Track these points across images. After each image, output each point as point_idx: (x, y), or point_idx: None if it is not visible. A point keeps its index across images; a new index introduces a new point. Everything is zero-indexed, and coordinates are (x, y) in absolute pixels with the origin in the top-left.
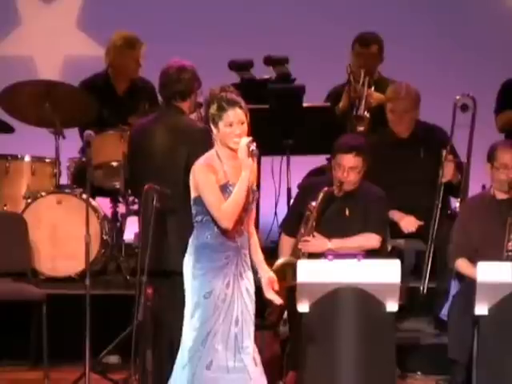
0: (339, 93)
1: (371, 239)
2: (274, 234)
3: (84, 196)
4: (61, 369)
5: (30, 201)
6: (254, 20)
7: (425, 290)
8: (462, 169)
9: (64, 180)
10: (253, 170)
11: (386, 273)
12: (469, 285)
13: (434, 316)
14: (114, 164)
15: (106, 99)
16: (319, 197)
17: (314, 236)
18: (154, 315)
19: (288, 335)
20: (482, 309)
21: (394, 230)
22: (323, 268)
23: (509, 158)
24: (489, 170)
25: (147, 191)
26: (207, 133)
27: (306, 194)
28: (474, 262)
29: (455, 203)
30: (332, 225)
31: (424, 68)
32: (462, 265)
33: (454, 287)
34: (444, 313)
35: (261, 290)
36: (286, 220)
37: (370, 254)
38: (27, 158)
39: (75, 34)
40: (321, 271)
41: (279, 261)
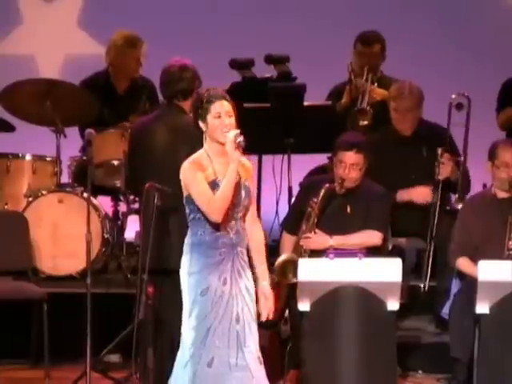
0: (340, 91)
1: (373, 236)
2: (275, 232)
3: (85, 195)
4: (61, 367)
5: (30, 199)
6: (255, 18)
7: (426, 288)
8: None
9: (65, 179)
10: (247, 167)
11: (387, 271)
12: (470, 283)
13: (435, 315)
14: (115, 162)
15: (107, 98)
16: (320, 193)
17: (316, 233)
18: (155, 314)
19: (289, 334)
20: (483, 307)
21: (395, 229)
22: (324, 267)
23: (509, 156)
24: (490, 169)
25: (148, 190)
26: None
27: (307, 193)
28: (475, 260)
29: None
30: (333, 222)
31: (422, 67)
32: (463, 263)
33: (455, 286)
34: (445, 311)
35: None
36: (288, 218)
37: (371, 252)
38: (28, 157)
39: (76, 32)
40: (322, 270)
41: (281, 258)
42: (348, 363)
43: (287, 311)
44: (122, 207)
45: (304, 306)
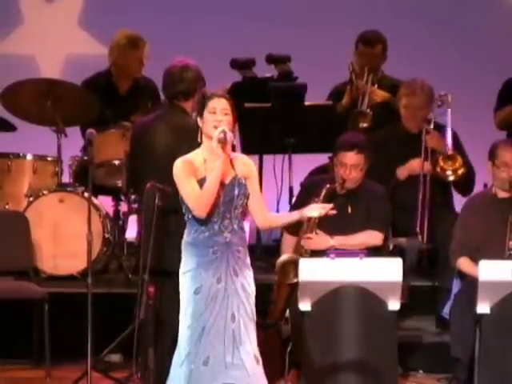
0: (341, 91)
1: (374, 237)
2: (276, 233)
3: (86, 194)
4: (62, 367)
5: (31, 199)
6: (256, 18)
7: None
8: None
9: (66, 178)
10: (247, 163)
11: (388, 271)
12: (471, 283)
13: (436, 314)
14: (116, 162)
15: (109, 98)
16: (322, 194)
17: (317, 233)
18: (156, 314)
19: (290, 334)
20: (483, 307)
21: (396, 229)
22: (325, 266)
23: (509, 156)
24: (490, 169)
25: (149, 190)
26: None
27: (307, 193)
28: (475, 260)
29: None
30: (334, 222)
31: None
32: (464, 263)
33: (455, 286)
34: (446, 311)
35: (261, 288)
36: None
37: (372, 252)
38: (29, 157)
39: (77, 32)
40: (323, 270)
41: (282, 258)
42: (349, 363)
43: (288, 311)
44: (123, 207)
45: (305, 305)
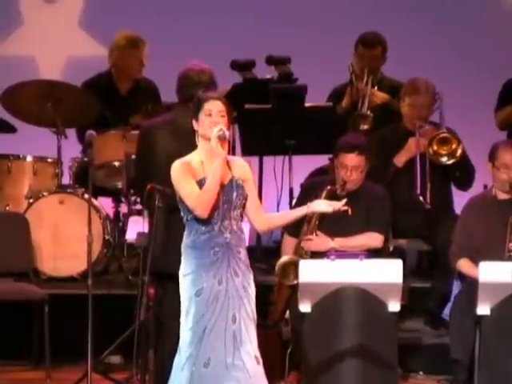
0: (341, 92)
1: (374, 238)
2: (276, 234)
3: (86, 196)
4: (63, 369)
5: (31, 201)
6: (256, 19)
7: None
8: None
9: (66, 180)
10: (241, 164)
11: (388, 273)
12: (471, 285)
13: (436, 316)
14: (116, 164)
15: (109, 99)
16: (322, 195)
17: (317, 235)
18: (156, 315)
19: (290, 335)
20: (483, 309)
21: (396, 230)
22: (325, 268)
23: (509, 157)
24: (490, 170)
25: (149, 191)
26: None
27: (308, 194)
28: (476, 262)
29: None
30: (335, 224)
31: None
32: (464, 265)
33: (455, 287)
34: (446, 313)
35: (261, 290)
36: None
37: (372, 253)
38: (29, 158)
39: (77, 33)
40: (323, 271)
41: (282, 259)
42: (349, 364)
43: (288, 312)
44: (123, 208)
45: (305, 307)
